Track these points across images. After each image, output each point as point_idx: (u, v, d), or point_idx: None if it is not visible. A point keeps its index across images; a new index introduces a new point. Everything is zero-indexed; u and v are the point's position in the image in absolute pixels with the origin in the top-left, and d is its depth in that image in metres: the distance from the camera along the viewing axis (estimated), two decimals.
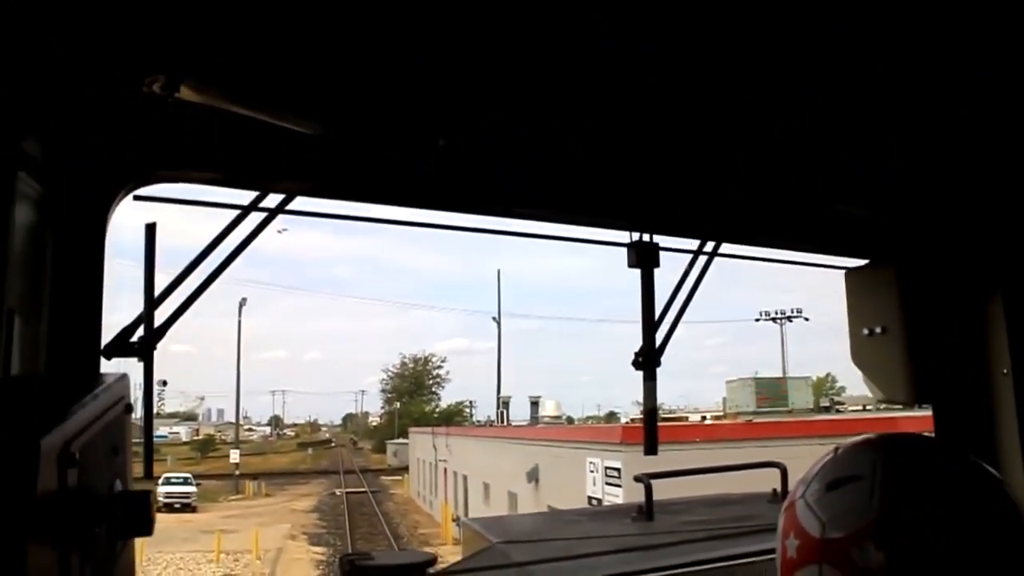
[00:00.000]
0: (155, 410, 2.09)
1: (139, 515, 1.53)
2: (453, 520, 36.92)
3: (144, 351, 1.94)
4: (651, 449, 2.70)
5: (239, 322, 78.92)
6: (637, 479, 4.65)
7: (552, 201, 2.50)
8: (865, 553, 1.92)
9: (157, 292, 1.99)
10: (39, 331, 1.72)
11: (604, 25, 1.88)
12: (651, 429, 2.71)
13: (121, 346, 1.91)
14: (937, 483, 2.02)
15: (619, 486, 23.54)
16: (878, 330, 3.12)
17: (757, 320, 73.54)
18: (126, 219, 2.01)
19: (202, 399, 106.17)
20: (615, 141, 2.41)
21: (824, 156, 2.66)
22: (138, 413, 2.01)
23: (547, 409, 56.91)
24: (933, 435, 3.16)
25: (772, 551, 2.29)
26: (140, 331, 1.96)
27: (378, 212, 2.48)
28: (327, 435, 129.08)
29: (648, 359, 2.65)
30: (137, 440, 1.94)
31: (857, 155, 2.64)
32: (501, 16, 1.85)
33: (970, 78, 2.19)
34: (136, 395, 2.00)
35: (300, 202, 2.26)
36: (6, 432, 1.22)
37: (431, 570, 3.26)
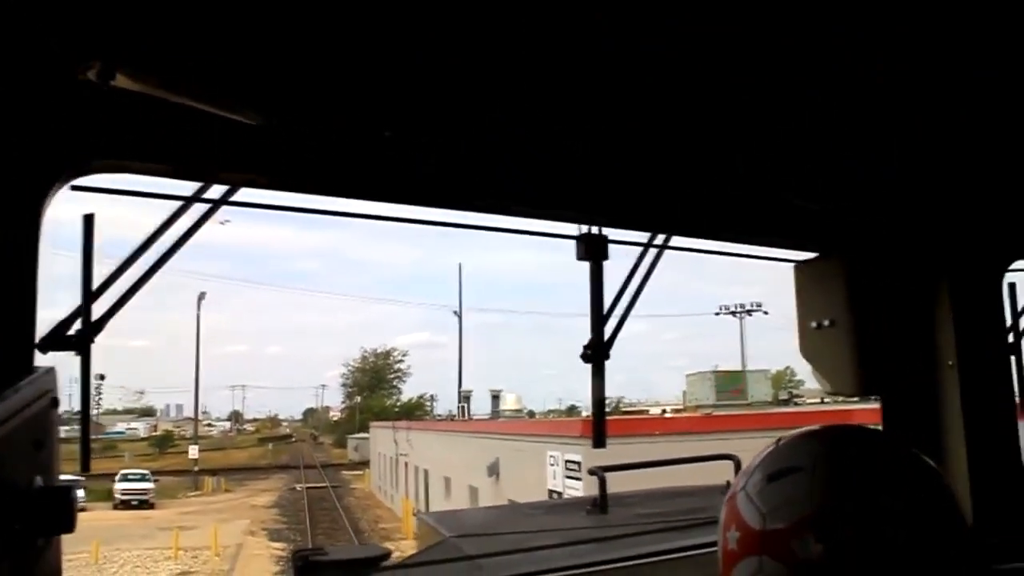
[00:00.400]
0: (92, 405, 2.05)
1: (61, 511, 1.50)
2: (414, 515, 36.87)
3: (81, 344, 1.90)
4: (599, 442, 2.70)
5: (197, 316, 78.01)
6: (591, 472, 4.68)
7: (502, 193, 2.49)
8: (805, 545, 1.93)
9: (95, 285, 1.95)
10: None
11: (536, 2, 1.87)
12: (599, 422, 2.71)
13: (57, 340, 1.87)
14: (876, 475, 2.03)
15: (579, 479, 23.64)
16: (826, 323, 3.14)
17: (717, 314, 73.97)
18: (65, 212, 1.97)
19: (142, 393, 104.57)
20: (564, 135, 2.41)
21: (775, 149, 2.67)
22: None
23: (508, 403, 56.93)
24: (880, 427, 3.20)
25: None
26: (77, 324, 1.92)
27: (329, 204, 2.47)
28: (287, 430, 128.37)
29: (596, 352, 2.64)
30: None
31: (808, 148, 2.66)
32: None
33: (925, 72, 2.21)
34: (72, 390, 1.98)
35: (245, 193, 2.23)
36: None
37: (384, 564, 3.25)
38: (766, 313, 71.16)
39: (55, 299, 1.96)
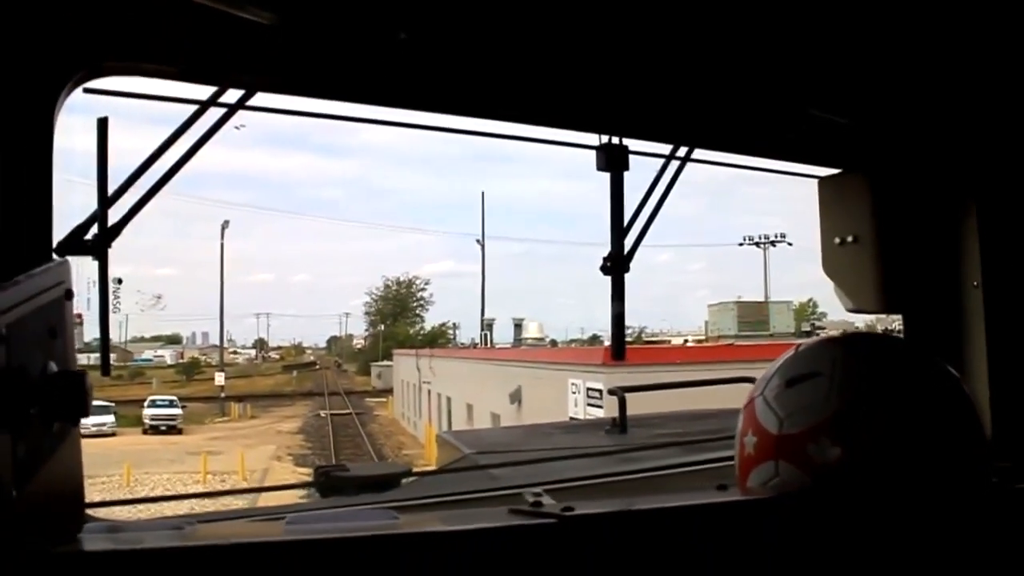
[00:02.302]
0: (110, 309, 2.06)
1: (75, 397, 1.51)
2: (437, 440, 37.40)
3: (98, 249, 1.91)
4: (619, 353, 2.70)
5: (221, 245, 78.56)
6: (611, 392, 4.68)
7: (520, 102, 2.46)
8: (821, 448, 1.94)
9: (111, 190, 1.95)
10: None
11: None
12: (619, 333, 2.70)
13: (74, 243, 1.88)
14: (896, 381, 2.02)
15: (600, 407, 23.82)
16: (850, 239, 3.11)
17: (740, 244, 73.81)
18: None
19: (159, 297, 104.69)
20: (586, 41, 2.36)
21: (800, 61, 2.60)
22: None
23: (530, 331, 57.23)
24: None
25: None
26: (94, 229, 1.92)
27: (344, 111, 2.44)
28: (312, 358, 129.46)
29: (616, 264, 2.63)
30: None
31: (834, 61, 2.59)
32: None
33: None
34: (92, 293, 1.98)
35: (261, 99, 2.21)
36: None
37: (405, 481, 3.28)
38: (790, 244, 70.94)
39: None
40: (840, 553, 1.92)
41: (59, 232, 1.85)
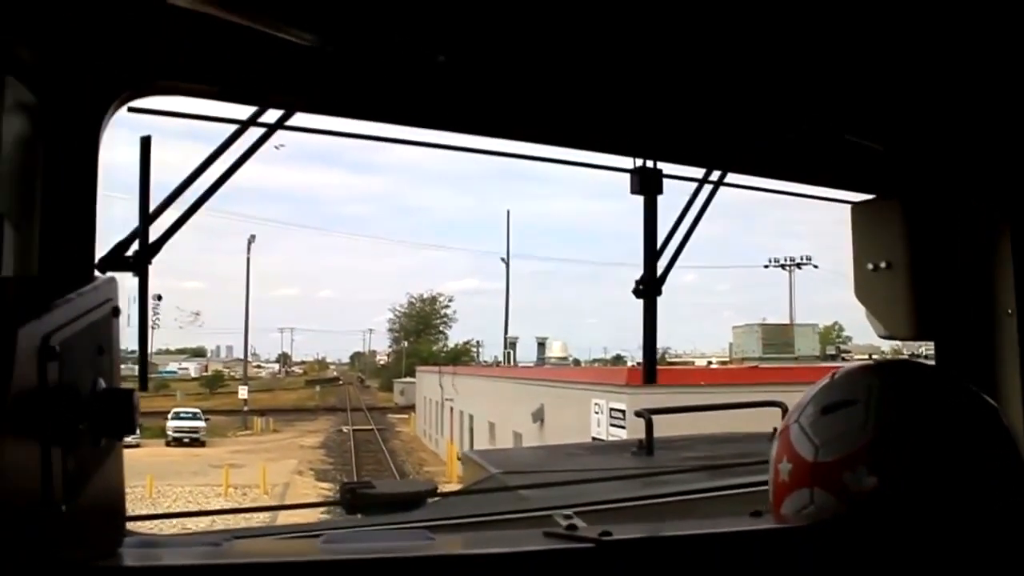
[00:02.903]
0: (151, 324, 2.08)
1: (123, 413, 1.53)
2: (459, 459, 37.34)
3: (139, 265, 1.93)
4: (650, 377, 2.69)
5: (247, 259, 79.06)
6: (638, 414, 4.67)
7: (555, 124, 2.47)
8: (857, 477, 1.93)
9: (153, 207, 1.97)
10: (32, 242, 1.71)
11: None
12: (650, 357, 2.70)
13: (116, 259, 1.90)
14: (931, 409, 2.01)
15: (623, 428, 23.71)
16: (883, 265, 3.09)
17: (766, 266, 73.37)
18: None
19: (197, 314, 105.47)
20: (621, 65, 2.37)
21: (835, 87, 2.60)
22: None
23: (554, 350, 57.11)
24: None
25: (766, 483, 2.30)
26: (135, 246, 1.94)
27: (379, 132, 2.46)
28: (335, 373, 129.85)
29: (649, 287, 2.62)
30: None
31: (868, 87, 2.59)
32: None
33: (987, 10, 2.13)
34: (132, 309, 2.01)
35: (299, 120, 2.23)
36: None
37: (431, 500, 3.28)
38: (816, 267, 70.49)
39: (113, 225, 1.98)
40: None
41: (100, 248, 1.88)
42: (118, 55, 1.85)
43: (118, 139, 2.03)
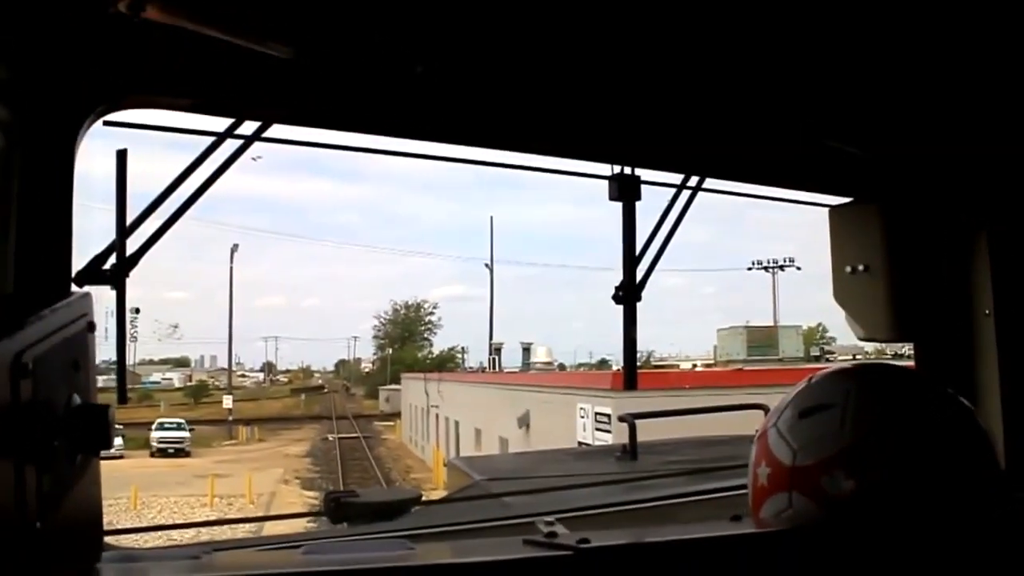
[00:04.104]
0: (127, 337, 2.07)
1: (99, 429, 1.53)
2: (445, 465, 37.26)
3: (116, 278, 1.92)
4: (631, 383, 2.70)
5: (231, 268, 78.85)
6: (621, 419, 4.68)
7: (534, 133, 2.47)
8: (835, 481, 1.94)
9: (129, 221, 1.97)
10: (7, 257, 1.70)
11: None
12: (631, 363, 2.71)
13: (93, 273, 1.89)
14: (907, 412, 2.02)
15: (609, 432, 23.74)
16: (861, 268, 3.11)
17: (749, 269, 73.57)
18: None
19: (176, 327, 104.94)
20: (599, 73, 2.38)
21: (813, 92, 2.62)
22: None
23: (539, 355, 57.07)
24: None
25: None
26: (112, 259, 1.94)
27: (359, 142, 2.47)
28: (320, 381, 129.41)
29: (628, 293, 2.64)
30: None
31: (846, 92, 2.61)
32: None
33: (968, 17, 2.15)
34: (109, 323, 2.00)
35: (278, 131, 2.24)
36: None
37: (415, 508, 3.28)
38: (798, 268, 70.79)
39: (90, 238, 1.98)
40: None
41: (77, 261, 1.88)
42: (93, 69, 1.84)
43: (97, 149, 2.02)
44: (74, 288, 1.82)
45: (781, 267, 71.12)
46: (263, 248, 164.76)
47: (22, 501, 1.30)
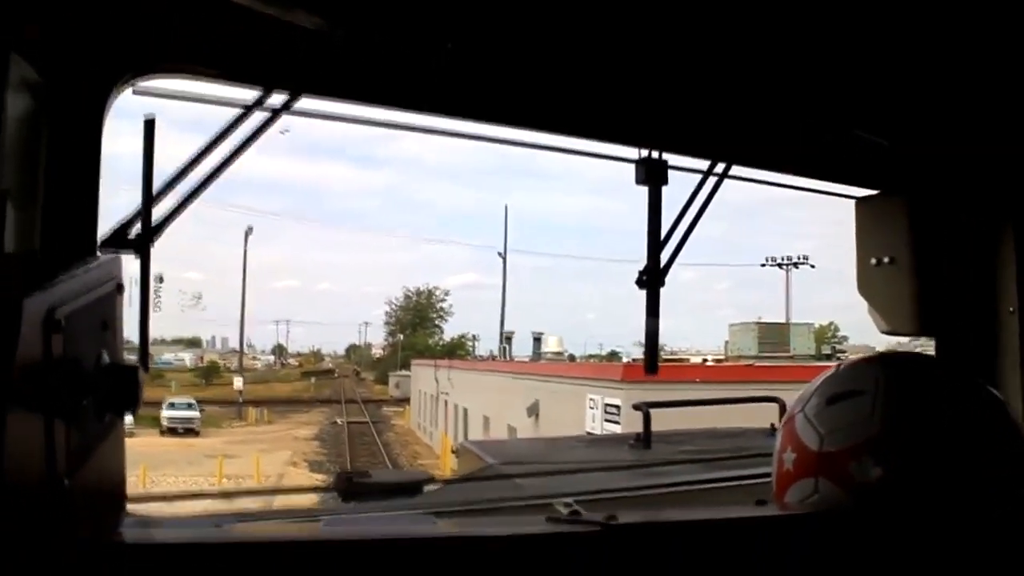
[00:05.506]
0: (152, 306, 2.07)
1: (128, 389, 1.53)
2: (453, 452, 37.30)
3: (140, 245, 1.92)
4: (652, 367, 2.69)
5: (244, 251, 79.17)
6: (636, 407, 4.66)
7: (562, 113, 2.47)
8: (863, 467, 1.93)
9: (156, 188, 1.96)
10: (34, 219, 1.70)
11: None
12: (652, 346, 2.70)
13: (117, 239, 1.89)
14: (938, 400, 2.01)
15: (618, 423, 23.77)
16: (886, 260, 3.09)
17: (763, 265, 73.27)
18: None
19: (199, 297, 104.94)
20: (630, 54, 2.36)
21: (842, 82, 2.60)
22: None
23: (549, 345, 57.05)
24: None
25: (768, 475, 2.30)
26: (137, 227, 1.93)
27: (384, 118, 2.46)
28: (330, 365, 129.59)
29: (652, 278, 2.62)
30: None
31: (875, 82, 2.59)
32: None
33: (994, 7, 2.13)
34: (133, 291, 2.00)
35: (304, 106, 2.23)
36: None
37: (428, 488, 3.28)
38: (812, 266, 70.47)
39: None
40: (879, 573, 1.91)
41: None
42: (123, 35, 1.84)
43: (122, 129, 2.02)
44: (99, 253, 1.82)
45: (795, 264, 70.84)
46: (279, 232, 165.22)
47: (52, 456, 1.30)
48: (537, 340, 58.29)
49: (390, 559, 1.71)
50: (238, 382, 75.78)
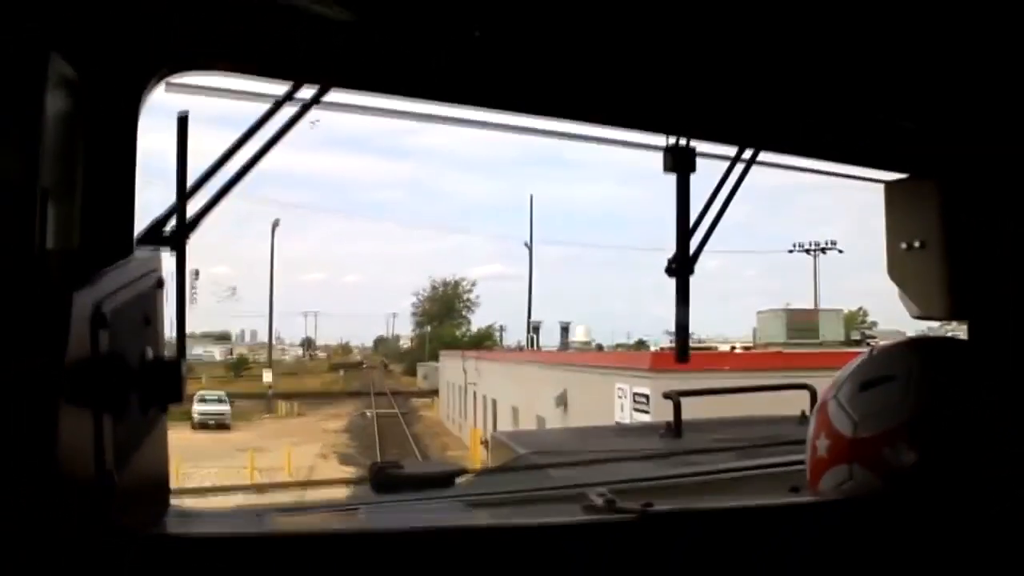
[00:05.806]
0: (188, 300, 2.10)
1: (171, 382, 1.55)
2: (482, 443, 37.41)
3: (176, 241, 1.94)
4: (683, 356, 2.69)
5: (272, 243, 79.67)
6: (666, 396, 4.65)
7: (590, 101, 2.47)
8: (897, 452, 1.92)
9: (190, 184, 1.99)
10: (73, 216, 1.72)
11: None
12: (683, 336, 2.70)
13: (153, 235, 1.92)
14: (971, 385, 2.00)
15: (647, 413, 23.72)
16: (917, 244, 3.07)
17: (790, 251, 72.76)
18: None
19: (234, 289, 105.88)
20: (657, 41, 2.36)
21: (870, 64, 2.58)
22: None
23: (577, 335, 56.95)
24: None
25: (801, 462, 2.30)
26: (172, 222, 1.96)
27: (411, 109, 2.47)
28: (359, 357, 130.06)
29: (681, 266, 2.62)
30: None
31: (904, 65, 2.57)
32: None
33: None
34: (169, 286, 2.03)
35: (333, 99, 2.24)
36: (38, 287, 1.23)
37: (459, 479, 3.29)
38: (840, 251, 69.92)
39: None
40: (914, 558, 1.90)
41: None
42: (157, 30, 1.86)
43: (154, 126, 2.04)
44: (135, 249, 1.84)
45: (823, 250, 70.29)
46: (306, 225, 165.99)
47: (101, 450, 1.32)
48: (565, 329, 58.17)
49: (431, 550, 1.73)
50: (267, 375, 76.22)
